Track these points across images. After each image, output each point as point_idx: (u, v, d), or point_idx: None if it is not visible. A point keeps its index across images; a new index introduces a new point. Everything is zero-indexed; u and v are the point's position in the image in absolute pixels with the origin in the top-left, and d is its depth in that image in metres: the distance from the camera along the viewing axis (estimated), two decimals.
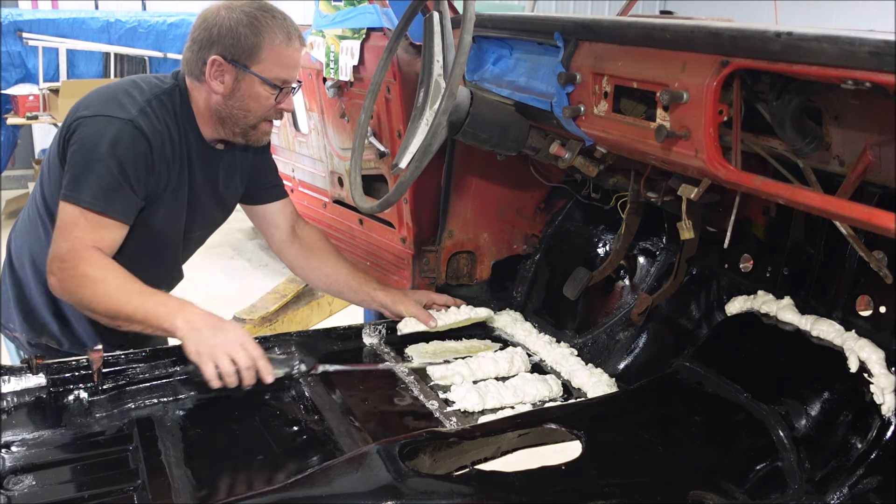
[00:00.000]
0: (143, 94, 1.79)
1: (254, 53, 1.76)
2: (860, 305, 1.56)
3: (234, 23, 1.75)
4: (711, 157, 1.28)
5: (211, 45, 1.76)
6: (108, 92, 1.80)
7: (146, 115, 1.75)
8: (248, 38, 1.75)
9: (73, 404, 1.70)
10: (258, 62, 1.77)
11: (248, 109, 1.82)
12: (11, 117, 6.67)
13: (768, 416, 1.53)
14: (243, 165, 2.02)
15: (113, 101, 1.76)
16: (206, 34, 1.77)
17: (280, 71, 1.80)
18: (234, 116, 1.83)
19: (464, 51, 1.52)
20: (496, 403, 1.83)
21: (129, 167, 1.71)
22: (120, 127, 1.71)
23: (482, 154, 2.07)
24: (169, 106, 1.81)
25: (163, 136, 1.78)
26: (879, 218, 1.07)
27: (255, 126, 1.86)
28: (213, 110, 1.84)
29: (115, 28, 7.18)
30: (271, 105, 1.83)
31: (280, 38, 1.77)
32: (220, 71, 1.77)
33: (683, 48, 1.32)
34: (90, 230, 1.71)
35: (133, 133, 1.72)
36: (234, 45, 1.75)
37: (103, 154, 1.69)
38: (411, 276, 2.35)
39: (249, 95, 1.80)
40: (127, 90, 1.80)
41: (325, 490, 1.31)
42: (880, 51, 0.98)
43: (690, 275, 1.97)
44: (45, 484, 1.44)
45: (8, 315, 2.02)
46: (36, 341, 2.00)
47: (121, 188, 1.71)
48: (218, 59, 1.76)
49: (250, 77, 1.78)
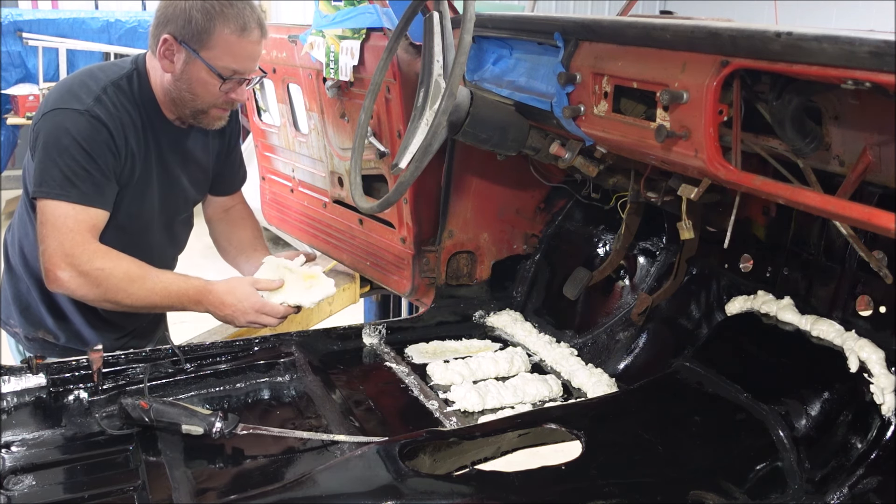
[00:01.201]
0: (97, 82, 1.79)
1: (203, 39, 1.75)
2: (860, 305, 1.56)
3: (190, 6, 1.73)
4: (711, 157, 1.28)
5: (166, 23, 1.76)
6: (65, 85, 1.82)
7: (101, 103, 1.75)
8: (200, 22, 1.73)
9: (73, 404, 1.70)
10: (207, 48, 1.76)
11: (196, 94, 1.81)
12: (11, 117, 6.67)
13: (768, 416, 1.53)
14: (210, 146, 2.03)
15: (68, 93, 1.77)
16: (163, 12, 1.77)
17: (230, 61, 1.78)
18: (183, 99, 1.83)
19: (464, 51, 1.52)
20: (496, 403, 1.83)
21: (95, 155, 1.73)
22: (76, 118, 1.72)
23: (482, 154, 2.07)
24: (127, 90, 1.81)
25: (122, 121, 1.79)
26: (879, 218, 1.07)
27: (204, 111, 1.86)
28: (165, 90, 1.83)
29: (115, 28, 7.18)
30: (218, 93, 1.81)
31: (232, 27, 1.75)
32: (171, 50, 1.77)
33: (683, 48, 1.32)
34: (74, 220, 1.71)
35: (91, 122, 1.73)
36: (185, 28, 1.74)
37: (66, 145, 1.71)
38: (411, 276, 2.35)
39: (196, 80, 1.79)
40: (83, 80, 1.80)
41: (326, 490, 1.31)
42: (880, 51, 0.98)
43: (690, 275, 1.97)
44: (45, 484, 1.44)
45: (7, 311, 2.03)
46: (33, 336, 2.01)
47: (90, 175, 1.72)
48: (169, 38, 1.75)
49: (199, 62, 1.76)
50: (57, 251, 1.70)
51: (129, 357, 1.81)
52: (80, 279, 1.71)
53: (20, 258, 1.96)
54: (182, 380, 1.80)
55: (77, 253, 1.69)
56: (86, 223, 1.72)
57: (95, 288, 1.71)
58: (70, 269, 1.70)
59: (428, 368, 1.99)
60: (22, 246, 1.95)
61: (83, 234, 1.71)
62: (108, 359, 1.78)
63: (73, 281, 1.71)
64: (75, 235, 1.70)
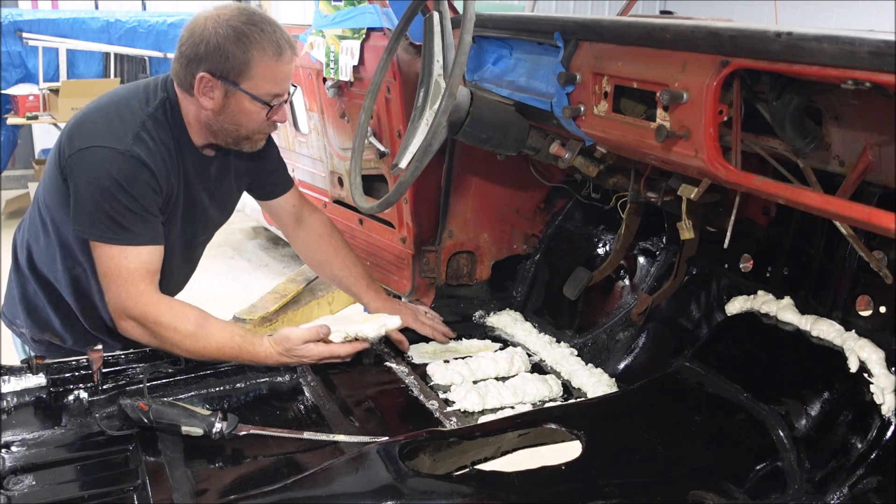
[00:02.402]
0: (134, 115, 1.76)
1: (243, 71, 1.72)
2: (860, 305, 1.56)
3: (222, 39, 1.69)
4: (711, 157, 1.28)
5: (199, 62, 1.72)
6: (101, 116, 1.77)
7: (141, 142, 1.73)
8: (237, 55, 1.70)
9: (73, 404, 1.70)
10: (248, 79, 1.73)
11: (240, 124, 1.80)
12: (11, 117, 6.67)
13: (768, 416, 1.53)
14: (237, 167, 2.01)
15: (106, 128, 1.73)
16: (193, 50, 1.72)
17: (271, 87, 1.76)
18: (226, 130, 1.81)
19: (464, 51, 1.52)
20: (496, 403, 1.83)
21: (137, 195, 1.72)
22: (119, 161, 1.70)
23: (482, 154, 2.07)
24: (163, 121, 1.79)
25: (161, 157, 1.77)
26: (879, 218, 1.07)
27: (248, 137, 1.85)
28: (204, 123, 1.81)
29: (115, 28, 7.17)
30: (262, 119, 1.80)
31: (270, 53, 1.72)
32: (210, 87, 1.73)
33: (683, 48, 1.32)
34: (128, 269, 1.72)
35: (132, 163, 1.71)
36: (223, 64, 1.71)
37: (108, 188, 1.69)
38: (411, 276, 2.36)
39: (240, 111, 1.77)
40: (120, 112, 1.76)
41: (326, 490, 1.32)
42: (880, 51, 0.98)
43: (690, 275, 1.97)
44: (45, 484, 1.44)
45: (14, 311, 2.03)
46: (40, 338, 2.01)
47: (136, 215, 1.72)
48: (206, 75, 1.72)
49: (240, 94, 1.74)
50: (118, 304, 1.74)
51: (129, 357, 1.81)
52: (140, 329, 1.75)
53: (27, 262, 1.96)
54: (182, 380, 1.80)
55: (131, 306, 1.72)
56: (142, 267, 1.74)
57: (154, 339, 1.75)
58: (130, 321, 1.74)
59: (428, 368, 1.99)
60: (31, 251, 1.94)
61: (138, 284, 1.73)
62: (108, 359, 1.78)
63: (135, 331, 1.75)
64: (130, 287, 1.72)
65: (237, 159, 2.00)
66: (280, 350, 1.78)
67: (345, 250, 2.20)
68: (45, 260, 1.91)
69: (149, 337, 1.75)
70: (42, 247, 1.90)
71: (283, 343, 1.78)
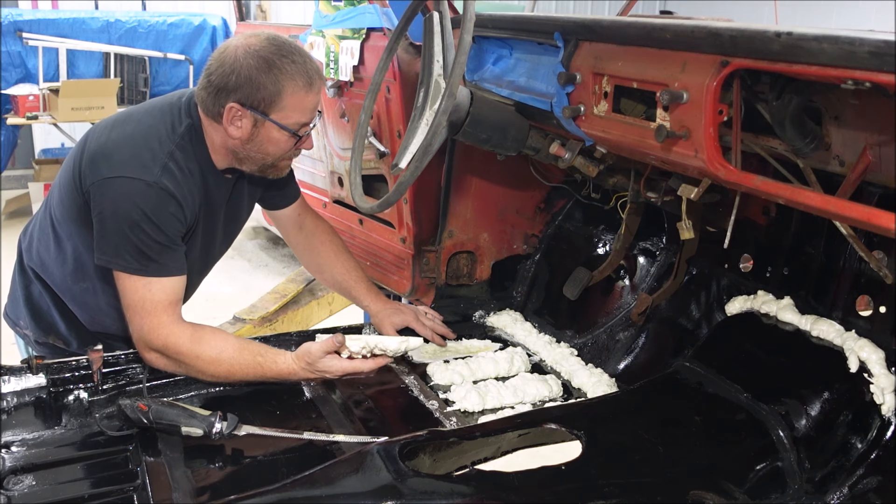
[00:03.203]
0: (161, 144, 1.74)
1: (273, 101, 1.71)
2: (860, 305, 1.56)
3: (254, 70, 1.68)
4: (711, 157, 1.28)
5: (229, 92, 1.70)
6: (127, 143, 1.74)
7: (169, 173, 1.72)
8: (268, 86, 1.69)
9: (73, 404, 1.70)
10: (278, 110, 1.72)
11: (268, 153, 1.79)
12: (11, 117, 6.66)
13: (768, 416, 1.53)
14: (252, 180, 2.01)
15: (133, 158, 1.71)
16: (223, 80, 1.70)
17: (300, 116, 1.75)
18: (253, 158, 1.81)
19: (464, 51, 1.52)
20: (496, 403, 1.83)
21: (164, 227, 1.71)
22: (147, 193, 1.69)
23: (482, 154, 2.07)
24: (189, 149, 1.78)
25: (188, 186, 1.77)
26: (879, 218, 1.07)
27: (273, 165, 1.84)
28: (230, 150, 1.81)
29: (115, 28, 7.17)
30: (290, 148, 1.80)
31: (300, 84, 1.71)
32: (239, 117, 1.72)
33: (683, 48, 1.32)
34: (152, 301, 1.72)
35: (160, 195, 1.70)
36: (254, 94, 1.70)
37: (136, 220, 1.68)
38: (411, 277, 2.36)
39: (268, 140, 1.76)
40: (147, 141, 1.74)
41: (325, 490, 1.31)
42: (880, 51, 0.98)
43: (690, 275, 1.97)
44: (45, 484, 1.44)
45: (17, 312, 2.03)
46: (43, 340, 2.01)
47: (162, 247, 1.72)
48: (236, 105, 1.70)
49: (269, 123, 1.73)
50: (141, 337, 1.74)
51: (129, 357, 1.81)
52: (165, 360, 1.75)
53: (36, 268, 1.96)
54: (182, 380, 1.80)
55: (153, 338, 1.72)
56: (165, 298, 1.73)
57: (179, 368, 1.76)
58: (154, 353, 1.74)
59: (428, 368, 1.99)
60: (41, 255, 1.94)
61: (161, 316, 1.73)
62: (108, 359, 1.78)
63: (160, 361, 1.75)
64: (153, 319, 1.72)
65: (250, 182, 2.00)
66: (303, 365, 1.76)
67: (345, 255, 2.20)
68: (56, 270, 1.91)
69: (174, 366, 1.75)
70: (52, 257, 1.90)
71: (305, 357, 1.76)
